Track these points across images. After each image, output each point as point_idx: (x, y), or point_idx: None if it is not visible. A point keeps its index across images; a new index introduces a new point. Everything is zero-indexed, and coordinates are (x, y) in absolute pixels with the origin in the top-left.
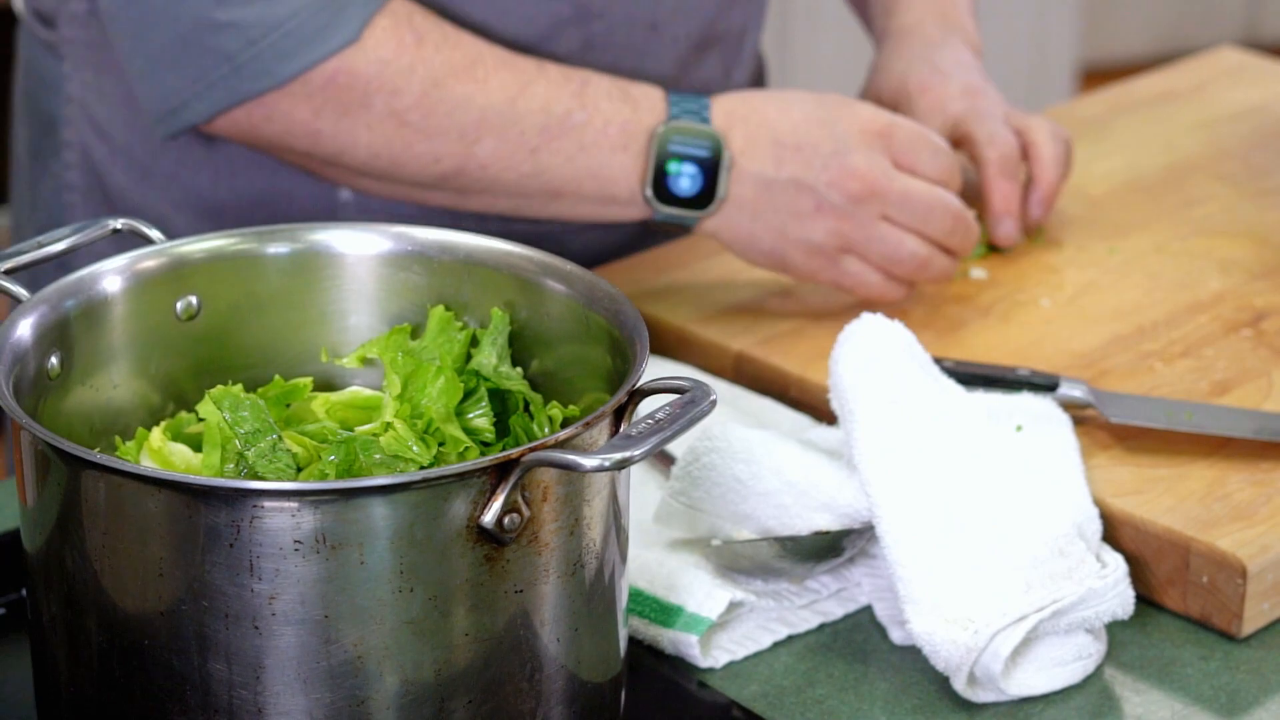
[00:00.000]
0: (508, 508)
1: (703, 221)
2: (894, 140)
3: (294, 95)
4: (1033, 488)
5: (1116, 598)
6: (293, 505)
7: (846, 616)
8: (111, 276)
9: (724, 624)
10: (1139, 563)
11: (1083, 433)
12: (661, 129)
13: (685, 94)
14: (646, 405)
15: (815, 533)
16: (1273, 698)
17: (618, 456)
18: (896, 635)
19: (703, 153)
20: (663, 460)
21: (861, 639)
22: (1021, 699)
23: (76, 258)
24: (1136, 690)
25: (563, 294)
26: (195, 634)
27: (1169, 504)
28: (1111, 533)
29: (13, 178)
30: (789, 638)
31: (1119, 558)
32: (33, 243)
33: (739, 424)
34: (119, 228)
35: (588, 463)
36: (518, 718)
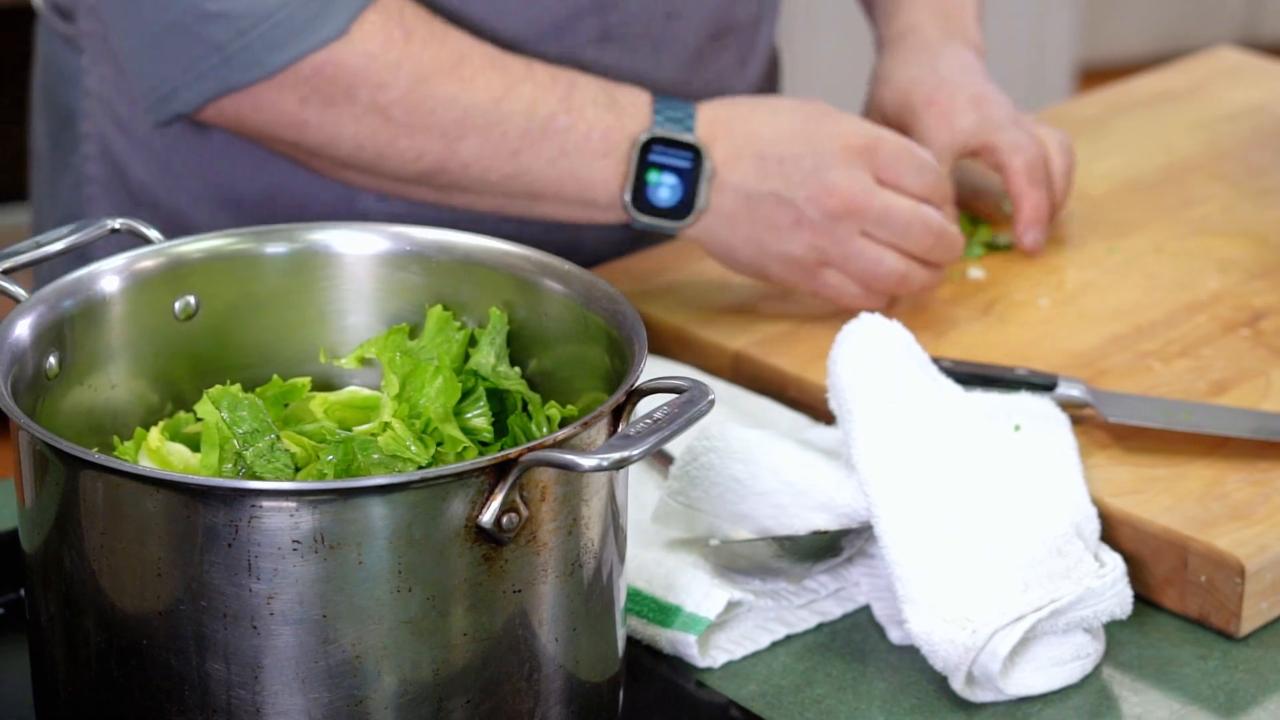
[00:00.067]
0: (506, 507)
1: (683, 230)
2: (877, 156)
3: (281, 86)
4: (1031, 487)
5: (1115, 597)
6: (291, 505)
7: (845, 616)
8: (110, 276)
9: (722, 624)
10: (1137, 562)
11: (1081, 432)
12: (643, 138)
13: (672, 101)
14: (645, 405)
15: (813, 532)
16: (1271, 697)
17: (616, 456)
18: (895, 635)
19: (683, 163)
20: (661, 460)
21: (860, 639)
22: (1020, 698)
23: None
24: (1135, 690)
25: (561, 294)
26: (193, 634)
27: (1167, 503)
28: (1110, 532)
29: (33, 173)
30: (787, 637)
31: (1117, 557)
32: (31, 242)
33: (737, 424)
34: (117, 227)
35: (586, 462)
36: (516, 717)
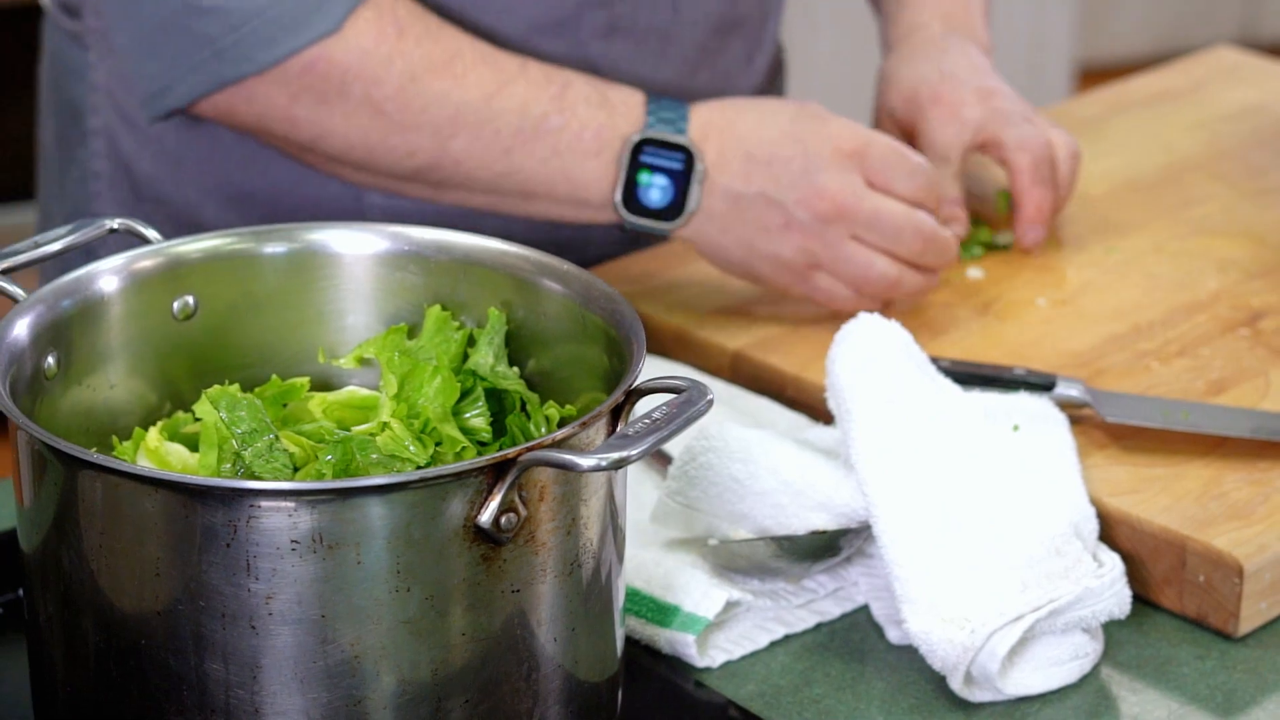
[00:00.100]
0: (504, 507)
1: (674, 231)
2: (868, 159)
3: (272, 81)
4: (1029, 487)
5: (1113, 597)
6: (289, 505)
7: (843, 616)
8: (108, 276)
9: (721, 623)
10: (1135, 562)
11: (1079, 432)
12: (635, 138)
13: (666, 101)
14: (643, 405)
15: (812, 532)
16: (1269, 697)
17: (615, 456)
18: (893, 635)
19: (675, 165)
20: (660, 460)
21: (858, 638)
22: (1018, 698)
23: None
24: (1133, 690)
25: (560, 293)
26: (192, 634)
27: (1165, 503)
28: (1108, 532)
29: (40, 170)
30: (786, 637)
31: (1115, 557)
32: (29, 242)
33: (736, 423)
34: (116, 227)
35: (584, 462)
36: (515, 717)
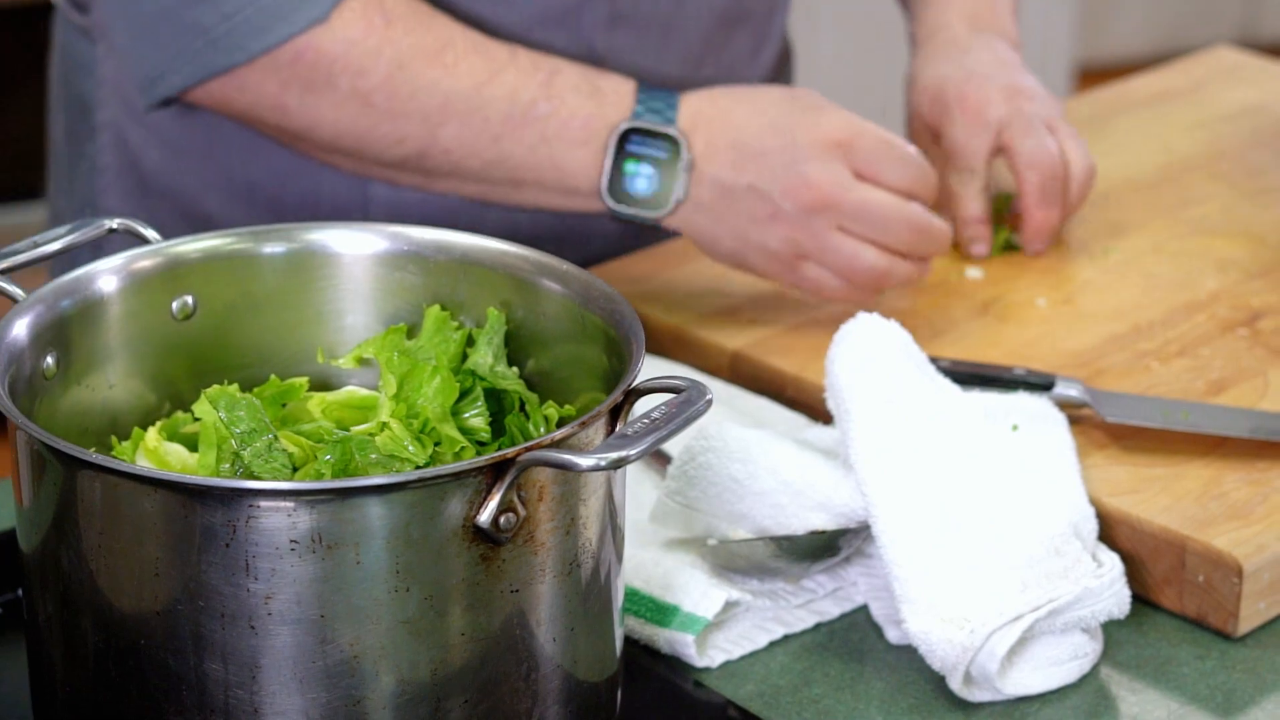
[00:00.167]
0: (504, 507)
1: (662, 220)
2: (856, 150)
3: (263, 70)
4: (1029, 487)
5: (1112, 597)
6: (288, 505)
7: (842, 616)
8: (107, 276)
9: (720, 623)
10: (1135, 562)
11: (1079, 432)
12: (622, 127)
13: (656, 91)
14: (643, 405)
15: (811, 532)
16: (1269, 697)
17: (614, 456)
18: (892, 635)
19: (661, 154)
20: (659, 460)
21: (858, 638)
22: (1018, 698)
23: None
24: (1132, 690)
25: (559, 293)
26: (191, 634)
27: (1165, 503)
28: (1107, 532)
29: (50, 166)
30: (785, 637)
31: (1115, 557)
32: (29, 242)
33: (735, 423)
34: (115, 227)
35: (584, 462)
36: (514, 717)
